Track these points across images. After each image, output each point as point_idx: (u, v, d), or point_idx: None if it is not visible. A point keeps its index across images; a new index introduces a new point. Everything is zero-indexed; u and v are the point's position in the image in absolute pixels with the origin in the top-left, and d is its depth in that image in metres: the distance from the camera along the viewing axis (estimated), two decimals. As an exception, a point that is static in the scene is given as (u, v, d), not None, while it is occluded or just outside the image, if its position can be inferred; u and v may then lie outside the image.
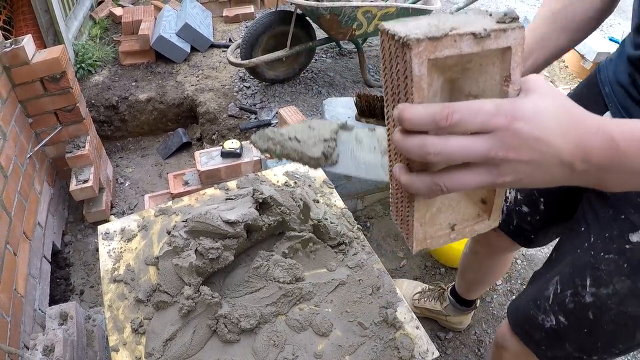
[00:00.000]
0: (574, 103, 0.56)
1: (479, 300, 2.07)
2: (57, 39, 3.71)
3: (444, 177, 0.55)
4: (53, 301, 2.45)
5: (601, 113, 1.12)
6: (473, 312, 2.14)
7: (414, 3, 3.46)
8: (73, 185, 2.65)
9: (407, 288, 2.25)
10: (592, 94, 1.17)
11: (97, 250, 2.71)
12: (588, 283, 1.06)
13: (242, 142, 2.34)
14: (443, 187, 0.55)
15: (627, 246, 1.01)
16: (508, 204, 1.45)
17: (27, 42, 2.40)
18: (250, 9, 4.91)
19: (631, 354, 2.17)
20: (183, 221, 1.37)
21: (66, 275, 2.65)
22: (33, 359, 1.74)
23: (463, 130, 0.52)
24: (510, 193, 1.44)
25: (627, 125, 0.56)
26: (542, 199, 1.34)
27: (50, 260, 2.56)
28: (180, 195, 2.22)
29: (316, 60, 3.98)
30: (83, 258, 2.74)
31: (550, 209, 1.33)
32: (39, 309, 2.24)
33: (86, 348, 1.96)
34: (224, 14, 4.88)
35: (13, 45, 2.34)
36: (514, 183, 0.56)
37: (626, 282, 1.01)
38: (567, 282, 1.12)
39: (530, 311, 1.21)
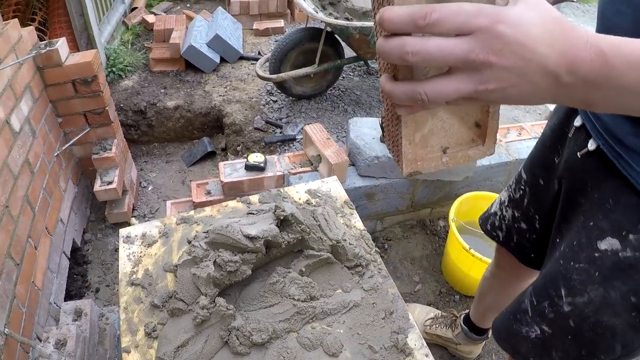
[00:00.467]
0: (564, 17, 0.54)
1: (490, 331, 2.06)
2: (90, 43, 3.80)
3: (425, 84, 0.54)
4: (69, 296, 2.50)
5: (571, 119, 1.12)
6: (484, 342, 2.13)
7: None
8: (97, 186, 2.70)
9: (420, 313, 2.25)
10: None
11: (116, 250, 2.77)
12: (563, 293, 1.05)
13: (267, 156, 2.37)
14: (423, 94, 0.54)
15: (595, 254, 1.00)
16: (507, 221, 1.45)
17: (61, 45, 2.46)
18: (280, 23, 4.96)
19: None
20: (204, 232, 1.39)
21: (83, 272, 2.70)
22: (45, 351, 1.77)
23: (443, 29, 0.50)
24: (507, 211, 1.45)
25: (618, 40, 0.54)
26: (537, 217, 1.33)
27: (69, 256, 2.61)
28: (202, 204, 2.25)
29: (343, 78, 4.01)
30: (101, 257, 2.78)
31: (545, 226, 1.31)
32: (54, 303, 2.29)
33: (97, 345, 1.99)
34: (254, 27, 4.94)
35: (47, 47, 2.40)
36: (498, 93, 0.54)
37: (599, 291, 0.99)
38: (541, 293, 1.12)
39: (512, 326, 1.21)
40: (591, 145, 1.01)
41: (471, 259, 2.14)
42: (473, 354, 2.17)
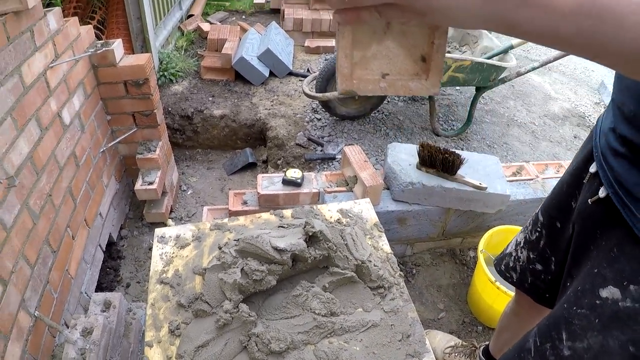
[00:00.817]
0: None
1: None
2: (145, 46, 3.94)
3: None
4: (99, 288, 2.58)
5: (588, 165, 1.12)
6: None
7: (490, 58, 3.46)
8: (138, 185, 2.79)
9: (441, 340, 2.24)
10: (588, 145, 1.17)
11: (150, 249, 2.84)
12: (564, 337, 1.05)
13: (304, 173, 2.41)
14: None
15: (597, 302, 0.99)
16: (522, 263, 1.46)
17: (117, 46, 2.57)
18: (331, 42, 5.04)
19: None
20: (235, 240, 1.44)
21: (116, 267, 2.78)
22: (71, 337, 1.83)
23: None
24: (522, 253, 1.45)
25: None
26: (553, 258, 1.33)
27: (104, 250, 2.69)
28: (237, 213, 2.30)
29: (388, 102, 4.05)
30: (135, 254, 2.86)
31: (560, 268, 1.31)
32: (85, 293, 2.37)
33: (122, 338, 2.05)
34: (305, 44, 5.03)
35: (104, 47, 2.51)
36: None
37: (598, 338, 0.98)
38: (544, 335, 1.12)
39: None
40: (602, 193, 1.02)
41: (496, 292, 2.14)
42: (488, 386, 2.15)
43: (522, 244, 1.48)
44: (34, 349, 1.81)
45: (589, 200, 1.07)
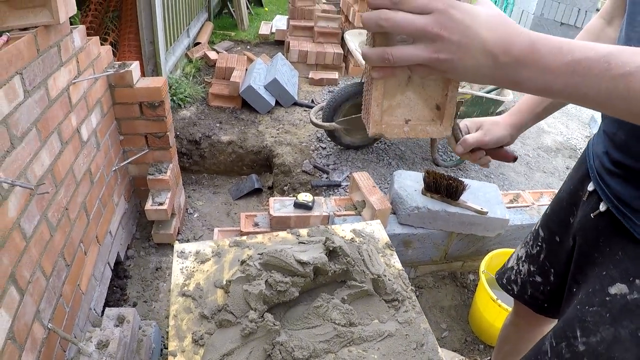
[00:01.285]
0: (508, 17, 0.72)
1: None
2: (156, 70, 4.05)
3: (392, 49, 0.72)
4: (107, 306, 2.60)
5: (585, 184, 1.27)
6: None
7: (489, 92, 3.60)
8: (148, 205, 2.85)
9: (445, 357, 2.29)
10: (582, 166, 1.32)
11: (157, 269, 2.90)
12: (578, 334, 1.14)
13: (314, 197, 2.50)
14: (390, 55, 0.72)
15: (607, 298, 1.10)
16: (522, 276, 1.57)
17: (135, 68, 2.65)
18: (335, 74, 5.19)
19: None
20: (259, 254, 1.51)
21: (123, 286, 2.82)
22: (87, 349, 1.87)
23: (410, 7, 0.68)
24: (523, 266, 1.57)
25: (546, 35, 0.70)
26: (552, 270, 1.44)
27: (112, 268, 2.73)
28: (249, 234, 2.37)
29: (389, 133, 4.16)
30: (142, 274, 2.91)
31: (559, 279, 1.42)
32: (94, 309, 2.40)
33: (135, 354, 2.09)
34: (309, 76, 5.18)
35: (123, 68, 2.59)
36: (448, 64, 0.70)
37: (610, 330, 1.08)
38: (560, 336, 1.21)
39: None
40: (602, 207, 1.16)
41: (497, 310, 2.22)
42: (492, 400, 2.20)
43: (523, 258, 1.59)
44: (46, 361, 1.83)
45: (591, 214, 1.21)
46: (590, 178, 1.24)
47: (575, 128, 5.15)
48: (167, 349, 2.14)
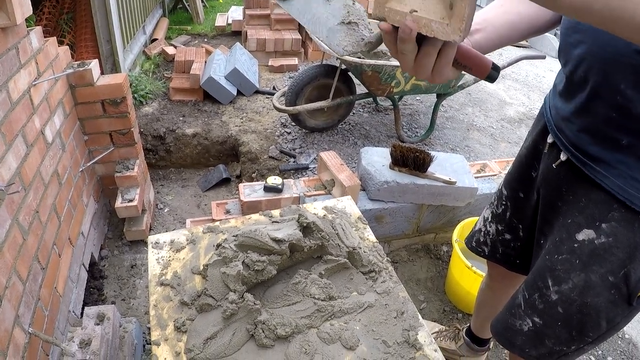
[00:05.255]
0: None
1: (492, 342, 2.16)
2: (115, 68, 4.00)
3: None
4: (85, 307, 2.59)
5: (545, 137, 1.29)
6: (487, 354, 2.22)
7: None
8: (118, 203, 2.82)
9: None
10: (540, 121, 1.35)
11: (132, 267, 2.88)
12: (550, 283, 1.19)
13: (284, 180, 2.51)
14: None
15: (575, 245, 1.15)
16: (491, 236, 1.59)
17: (94, 66, 2.62)
18: (294, 60, 5.19)
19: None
20: (234, 235, 1.52)
21: (99, 286, 2.79)
22: (70, 349, 1.87)
23: None
24: (491, 227, 1.59)
25: None
26: (520, 226, 1.48)
27: (88, 269, 2.71)
28: (222, 220, 2.38)
29: (354, 114, 4.20)
30: (117, 272, 2.88)
31: (528, 233, 1.46)
32: (73, 311, 2.37)
33: (117, 350, 2.08)
34: (269, 64, 5.16)
35: (82, 67, 2.56)
36: None
37: (581, 276, 1.13)
38: (532, 287, 1.26)
39: (508, 320, 1.34)
40: (563, 157, 1.19)
41: (472, 277, 2.27)
42: (476, 364, 2.26)
43: (489, 219, 1.61)
44: (29, 366, 1.82)
45: (552, 165, 1.24)
46: (549, 131, 1.27)
47: (536, 99, 5.26)
48: (149, 344, 2.14)
